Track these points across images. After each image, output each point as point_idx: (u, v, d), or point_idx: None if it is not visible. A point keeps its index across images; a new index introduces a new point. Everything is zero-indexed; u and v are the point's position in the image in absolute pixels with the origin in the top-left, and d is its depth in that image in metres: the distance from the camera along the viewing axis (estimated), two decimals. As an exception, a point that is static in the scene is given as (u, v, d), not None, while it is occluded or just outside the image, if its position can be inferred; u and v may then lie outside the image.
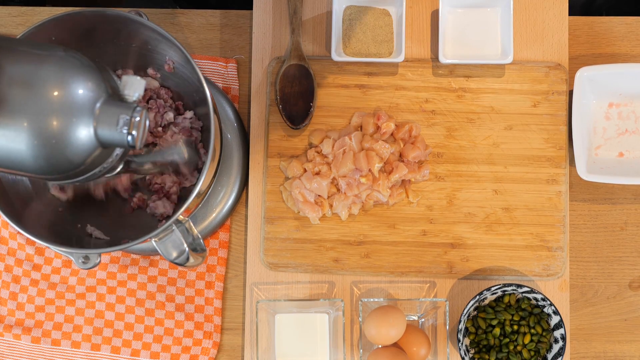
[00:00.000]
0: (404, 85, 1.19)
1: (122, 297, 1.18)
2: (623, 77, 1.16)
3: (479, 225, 1.17)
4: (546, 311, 1.11)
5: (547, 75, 1.19)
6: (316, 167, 1.16)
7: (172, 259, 0.95)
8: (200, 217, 1.16)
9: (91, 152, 0.79)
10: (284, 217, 1.18)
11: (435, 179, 1.18)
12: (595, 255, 1.18)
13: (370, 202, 1.16)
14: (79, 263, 0.95)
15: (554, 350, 1.10)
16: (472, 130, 1.18)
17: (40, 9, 1.25)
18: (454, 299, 1.17)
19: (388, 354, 1.09)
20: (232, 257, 1.20)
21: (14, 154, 0.75)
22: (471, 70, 1.19)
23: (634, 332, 1.17)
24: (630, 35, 1.22)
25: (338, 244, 1.17)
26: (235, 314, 1.19)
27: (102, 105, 0.78)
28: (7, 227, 1.20)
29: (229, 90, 1.22)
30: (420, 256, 1.17)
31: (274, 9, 1.22)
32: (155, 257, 1.19)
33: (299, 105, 1.18)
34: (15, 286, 1.19)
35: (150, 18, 1.01)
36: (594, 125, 1.19)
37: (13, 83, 0.74)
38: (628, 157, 1.18)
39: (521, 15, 1.21)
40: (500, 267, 1.16)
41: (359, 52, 1.19)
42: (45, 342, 1.18)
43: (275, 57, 1.21)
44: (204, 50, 1.23)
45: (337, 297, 1.17)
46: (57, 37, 0.97)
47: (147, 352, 1.17)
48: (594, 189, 1.19)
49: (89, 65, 0.80)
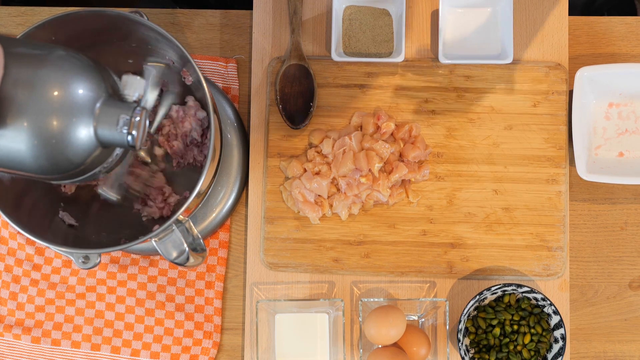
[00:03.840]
0: (404, 85, 1.19)
1: (122, 297, 1.18)
2: (623, 77, 1.16)
3: (479, 225, 1.17)
4: (546, 311, 1.11)
5: (547, 75, 1.19)
6: (316, 167, 1.16)
7: (172, 259, 0.96)
8: (200, 217, 1.16)
9: (91, 152, 0.79)
10: (284, 217, 1.18)
11: (435, 179, 1.18)
12: (595, 255, 1.18)
13: (370, 202, 1.16)
14: (79, 263, 0.95)
15: (554, 350, 1.10)
16: (472, 130, 1.18)
17: (40, 9, 1.25)
18: (454, 299, 1.17)
19: (388, 354, 1.09)
20: (232, 257, 1.20)
21: (14, 154, 0.76)
22: (471, 70, 1.19)
23: (634, 332, 1.17)
24: (630, 35, 1.22)
25: (338, 244, 1.17)
26: (235, 314, 1.19)
27: (102, 105, 0.78)
28: (7, 227, 1.20)
29: (229, 90, 1.22)
30: (420, 256, 1.17)
31: (274, 9, 1.22)
32: (155, 257, 1.19)
33: (299, 105, 1.18)
34: (15, 286, 1.19)
35: (150, 18, 1.01)
36: (594, 125, 1.19)
37: (13, 83, 0.74)
38: (628, 157, 1.18)
39: (521, 15, 1.21)
40: (500, 267, 1.16)
41: (359, 52, 1.19)
42: (45, 342, 1.18)
43: (275, 57, 1.21)
44: (204, 50, 1.23)
45: (337, 297, 1.17)
46: (57, 37, 0.97)
47: (147, 352, 1.17)
48: (594, 189, 1.19)
49: (89, 65, 0.80)
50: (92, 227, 1.07)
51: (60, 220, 1.05)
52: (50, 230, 1.03)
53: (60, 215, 1.05)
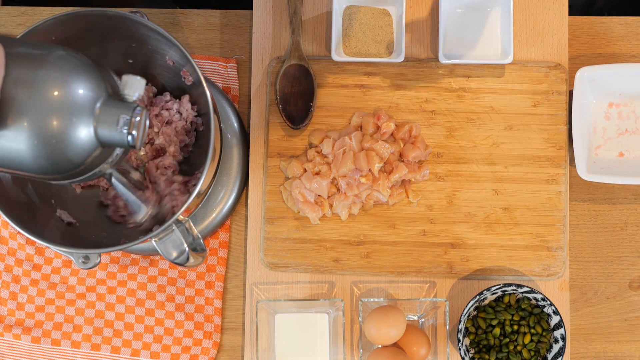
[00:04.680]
0: (404, 85, 1.19)
1: (122, 297, 1.18)
2: (623, 77, 1.16)
3: (479, 225, 1.17)
4: (546, 311, 1.11)
5: (547, 75, 1.19)
6: (316, 167, 1.16)
7: (172, 259, 0.96)
8: (200, 217, 1.16)
9: (91, 152, 0.79)
10: (284, 217, 1.18)
11: (435, 179, 1.18)
12: (595, 255, 1.18)
13: (370, 202, 1.16)
14: (79, 263, 0.95)
15: (554, 350, 1.10)
16: (472, 130, 1.18)
17: (40, 9, 1.25)
18: (454, 299, 1.17)
19: (388, 354, 1.09)
20: (232, 257, 1.20)
21: (14, 154, 0.76)
22: (471, 70, 1.19)
23: (634, 332, 1.17)
24: (630, 35, 1.22)
25: (338, 244, 1.17)
26: (235, 314, 1.19)
27: (102, 105, 0.78)
28: (7, 227, 1.20)
29: (229, 90, 1.22)
30: (420, 256, 1.17)
31: (274, 9, 1.22)
32: (155, 257, 1.19)
33: (299, 105, 1.18)
34: (15, 286, 1.19)
35: (150, 18, 1.01)
36: (594, 125, 1.19)
37: (14, 83, 0.74)
38: (628, 157, 1.18)
39: (521, 15, 1.21)
40: (500, 267, 1.16)
41: (359, 52, 1.19)
42: (45, 342, 1.18)
43: (275, 57, 1.21)
44: (204, 50, 1.23)
45: (337, 297, 1.17)
46: (57, 37, 0.97)
47: (147, 352, 1.17)
48: (594, 189, 1.19)
49: (89, 65, 0.80)
50: (92, 227, 1.07)
51: (58, 218, 1.05)
52: (50, 229, 1.02)
53: (57, 213, 1.05)
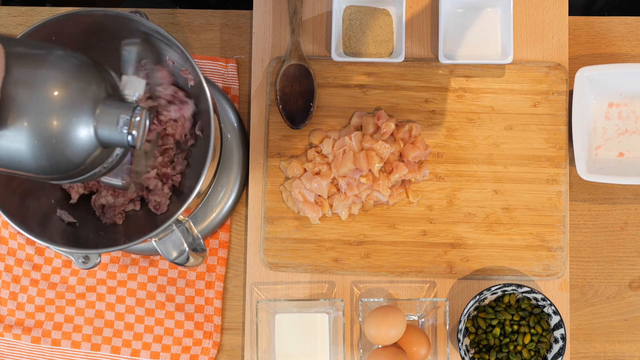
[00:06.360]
0: (404, 85, 1.19)
1: (122, 297, 1.18)
2: (623, 77, 1.16)
3: (479, 225, 1.17)
4: (546, 311, 1.11)
5: (547, 75, 1.19)
6: (316, 167, 1.16)
7: (172, 259, 0.96)
8: (200, 217, 1.16)
9: (91, 152, 0.79)
10: (284, 217, 1.18)
11: (435, 179, 1.18)
12: (595, 255, 1.18)
13: (370, 202, 1.16)
14: (79, 263, 0.95)
15: (554, 350, 1.10)
16: (472, 130, 1.18)
17: (40, 9, 1.25)
18: (454, 299, 1.17)
19: (388, 354, 1.09)
20: (232, 257, 1.20)
21: (14, 154, 0.75)
22: (471, 70, 1.19)
23: (634, 332, 1.17)
24: (630, 35, 1.22)
25: (338, 244, 1.17)
26: (235, 314, 1.19)
27: (102, 105, 0.78)
28: (7, 227, 1.20)
29: (229, 90, 1.22)
30: (420, 256, 1.17)
31: (274, 9, 1.22)
32: (155, 257, 1.19)
33: (299, 105, 1.18)
34: (15, 286, 1.19)
35: (150, 18, 1.01)
36: (594, 125, 1.19)
37: (14, 83, 0.74)
38: (628, 157, 1.18)
39: (521, 15, 1.21)
40: (500, 267, 1.16)
41: (359, 52, 1.19)
42: (45, 342, 1.18)
43: (275, 57, 1.21)
44: (204, 50, 1.23)
45: (337, 297, 1.17)
46: (57, 37, 0.97)
47: (147, 352, 1.17)
48: (594, 189, 1.19)
49: (89, 65, 0.80)
50: (92, 227, 1.07)
51: (58, 218, 1.05)
52: (50, 229, 1.02)
53: (57, 213, 1.05)
